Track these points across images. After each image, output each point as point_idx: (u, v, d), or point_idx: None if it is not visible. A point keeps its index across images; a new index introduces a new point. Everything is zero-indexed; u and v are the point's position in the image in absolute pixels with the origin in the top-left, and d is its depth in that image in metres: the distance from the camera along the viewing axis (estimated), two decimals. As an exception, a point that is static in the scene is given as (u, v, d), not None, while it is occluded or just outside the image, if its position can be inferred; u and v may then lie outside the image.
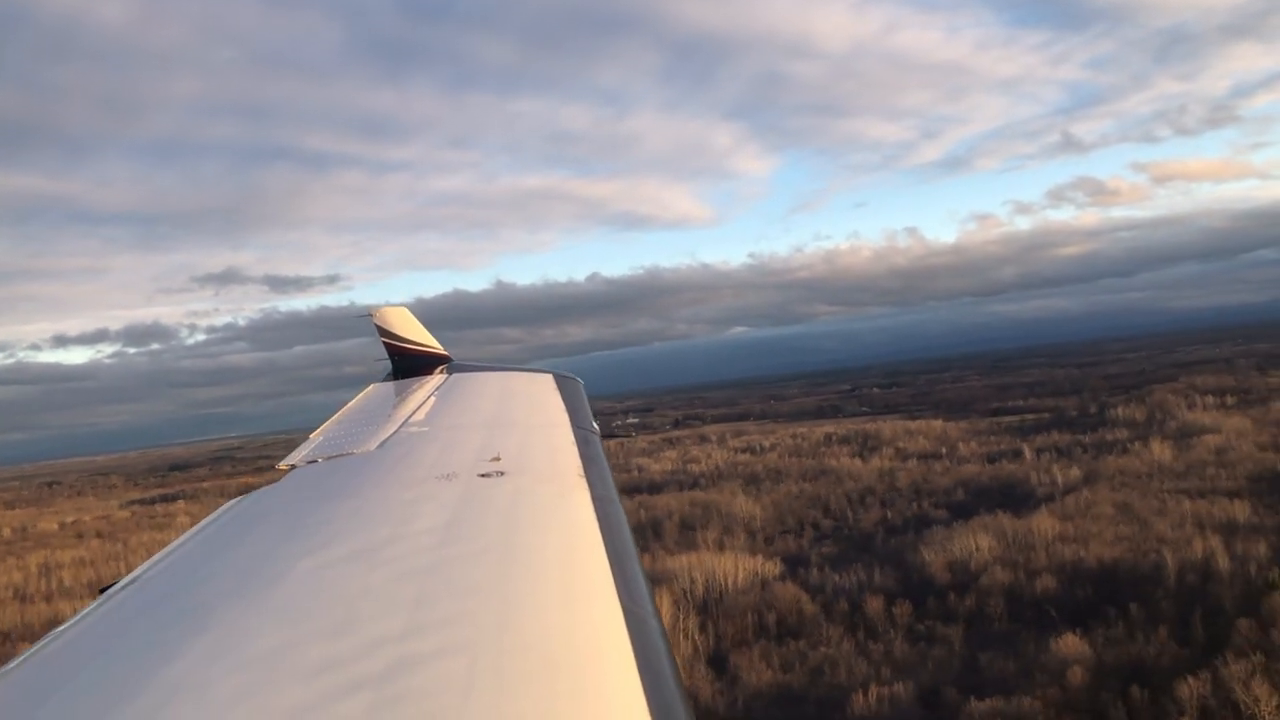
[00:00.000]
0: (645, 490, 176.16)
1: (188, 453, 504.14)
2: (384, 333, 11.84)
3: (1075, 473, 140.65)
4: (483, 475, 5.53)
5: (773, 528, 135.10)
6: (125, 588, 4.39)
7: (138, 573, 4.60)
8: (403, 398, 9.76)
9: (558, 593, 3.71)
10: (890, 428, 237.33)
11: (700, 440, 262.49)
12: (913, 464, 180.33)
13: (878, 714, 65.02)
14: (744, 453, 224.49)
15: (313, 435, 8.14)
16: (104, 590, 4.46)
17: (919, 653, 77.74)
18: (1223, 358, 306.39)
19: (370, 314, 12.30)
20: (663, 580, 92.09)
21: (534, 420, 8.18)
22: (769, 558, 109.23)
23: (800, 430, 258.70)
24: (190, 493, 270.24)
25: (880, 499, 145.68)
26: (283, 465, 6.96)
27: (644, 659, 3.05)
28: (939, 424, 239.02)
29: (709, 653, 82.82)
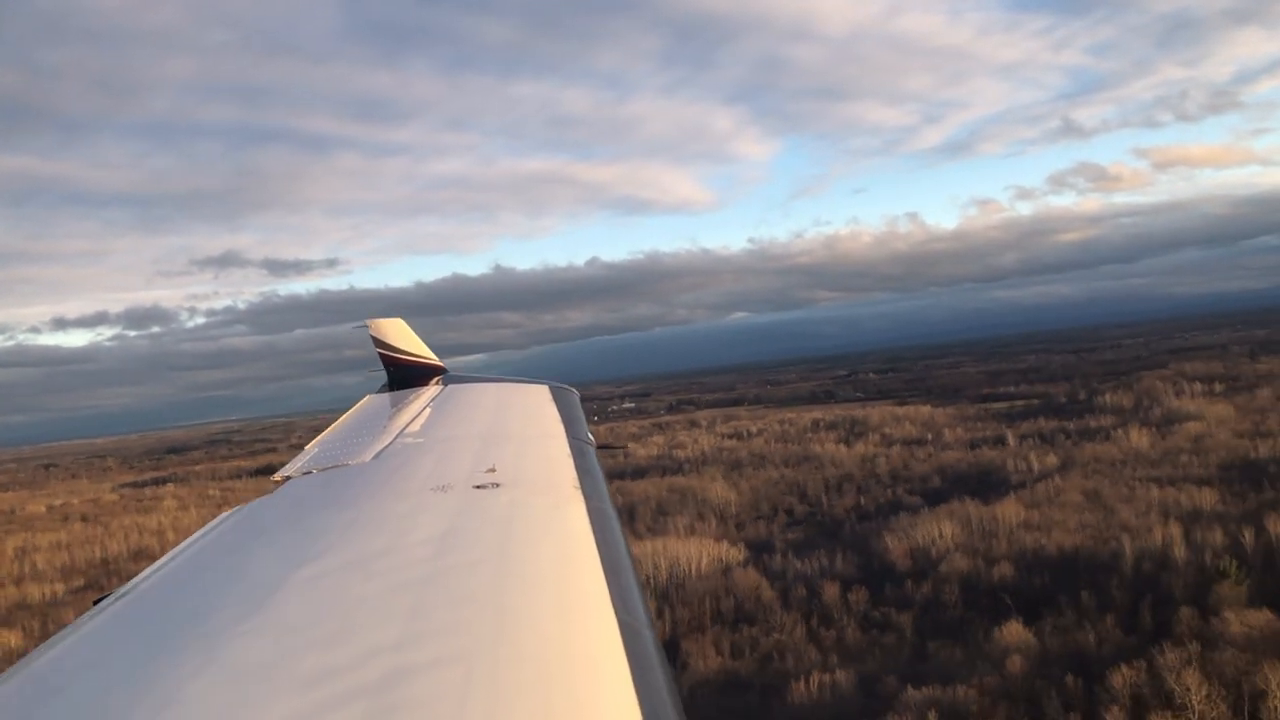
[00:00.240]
0: (629, 475, 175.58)
1: (186, 436, 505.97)
2: (379, 344, 11.78)
3: (1052, 460, 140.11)
4: (478, 487, 5.50)
5: (747, 514, 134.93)
6: (119, 599, 4.33)
7: (132, 584, 4.57)
8: (398, 409, 9.78)
9: (553, 604, 3.70)
10: (878, 413, 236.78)
11: (690, 425, 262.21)
12: (896, 450, 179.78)
13: (817, 702, 64.82)
14: (731, 438, 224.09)
15: (308, 447, 8.13)
16: (97, 601, 4.38)
17: (870, 640, 77.51)
18: (1218, 344, 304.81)
19: (365, 325, 12.23)
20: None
21: (529, 432, 8.16)
22: (736, 544, 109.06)
23: (789, 416, 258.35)
24: (182, 476, 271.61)
25: (857, 485, 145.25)
26: (277, 477, 6.96)
27: (639, 671, 3.05)
28: (927, 410, 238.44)
29: (662, 639, 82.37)
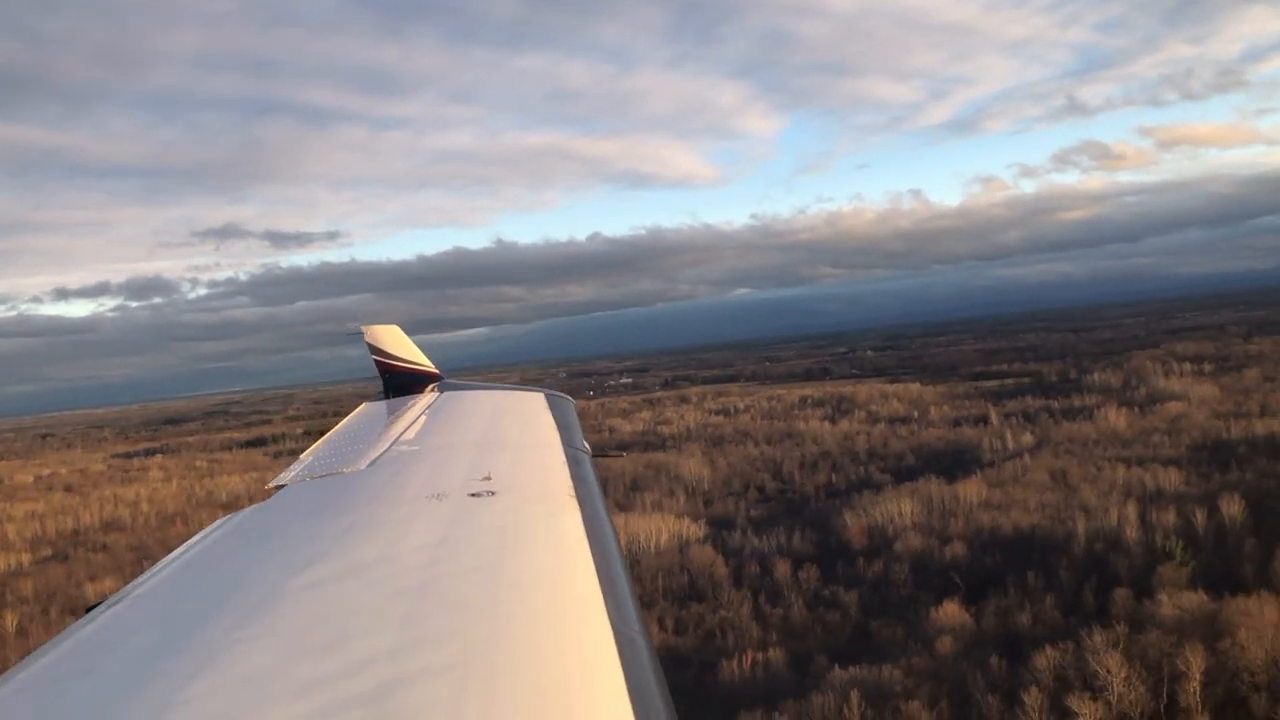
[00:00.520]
0: (611, 451, 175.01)
1: (187, 407, 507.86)
2: (375, 350, 11.70)
3: (1028, 439, 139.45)
4: (473, 495, 5.48)
5: (718, 490, 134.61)
6: (112, 605, 4.27)
7: (124, 590, 4.52)
8: (394, 417, 9.74)
9: (548, 612, 3.69)
10: (867, 391, 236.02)
11: (680, 401, 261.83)
12: (880, 428, 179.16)
13: (748, 680, 64.63)
14: (718, 414, 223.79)
15: (303, 455, 8.10)
16: (90, 609, 4.32)
17: (814, 618, 77.23)
18: (1216, 325, 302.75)
19: (361, 331, 12.20)
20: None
21: (525, 439, 8.14)
22: (698, 520, 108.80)
23: (779, 393, 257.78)
24: (174, 447, 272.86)
25: (833, 463, 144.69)
26: (273, 484, 6.90)
27: (633, 680, 3.07)
28: (917, 388, 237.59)
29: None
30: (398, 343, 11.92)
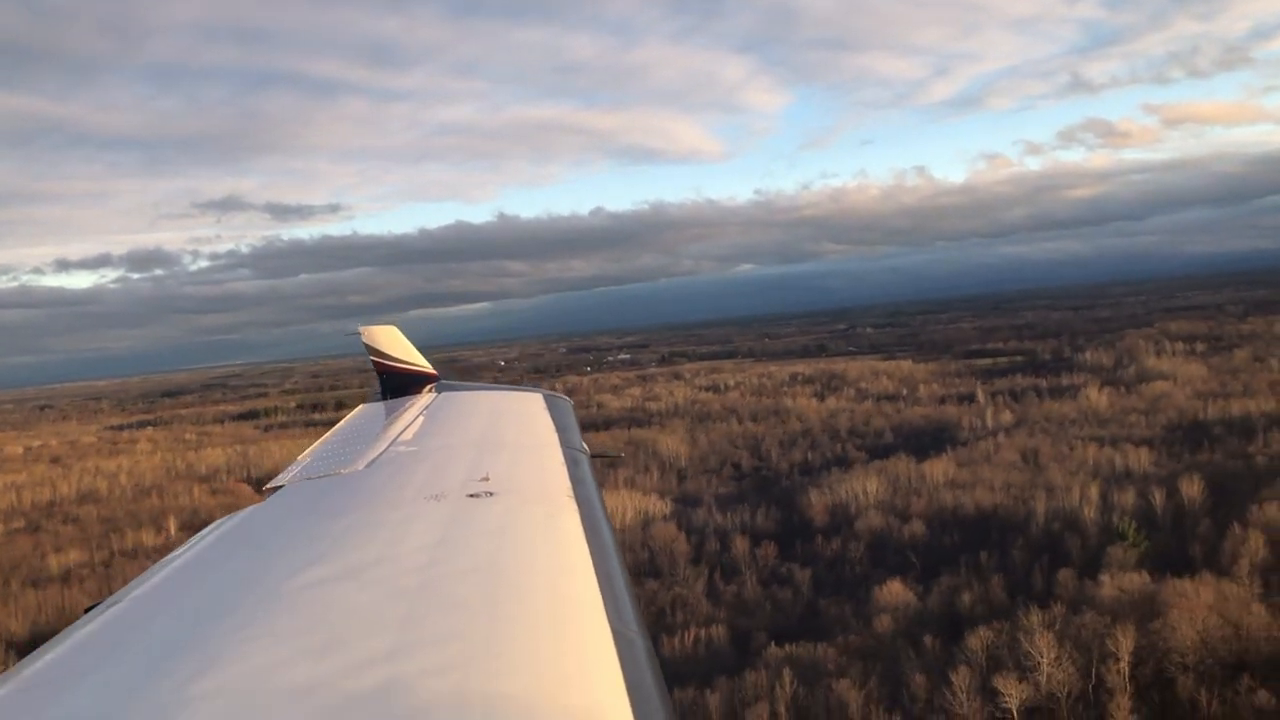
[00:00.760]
0: (596, 427, 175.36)
1: (186, 379, 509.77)
2: (372, 351, 11.67)
3: (1007, 417, 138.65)
4: (472, 495, 5.47)
5: (695, 467, 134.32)
6: (110, 606, 4.25)
7: (122, 591, 4.50)
8: (392, 418, 9.76)
9: (546, 613, 3.69)
10: (858, 368, 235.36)
11: (674, 378, 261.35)
12: (867, 405, 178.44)
13: (688, 656, 64.42)
14: (707, 391, 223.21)
15: (301, 456, 8.08)
16: (89, 609, 4.30)
17: (765, 595, 77.00)
18: (1215, 304, 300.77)
19: (358, 333, 12.24)
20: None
21: (523, 440, 8.14)
22: (668, 497, 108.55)
23: (772, 370, 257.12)
24: (166, 420, 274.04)
25: (812, 440, 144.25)
26: (270, 485, 6.88)
27: (632, 680, 3.08)
28: (908, 365, 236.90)
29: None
30: (395, 343, 11.84)
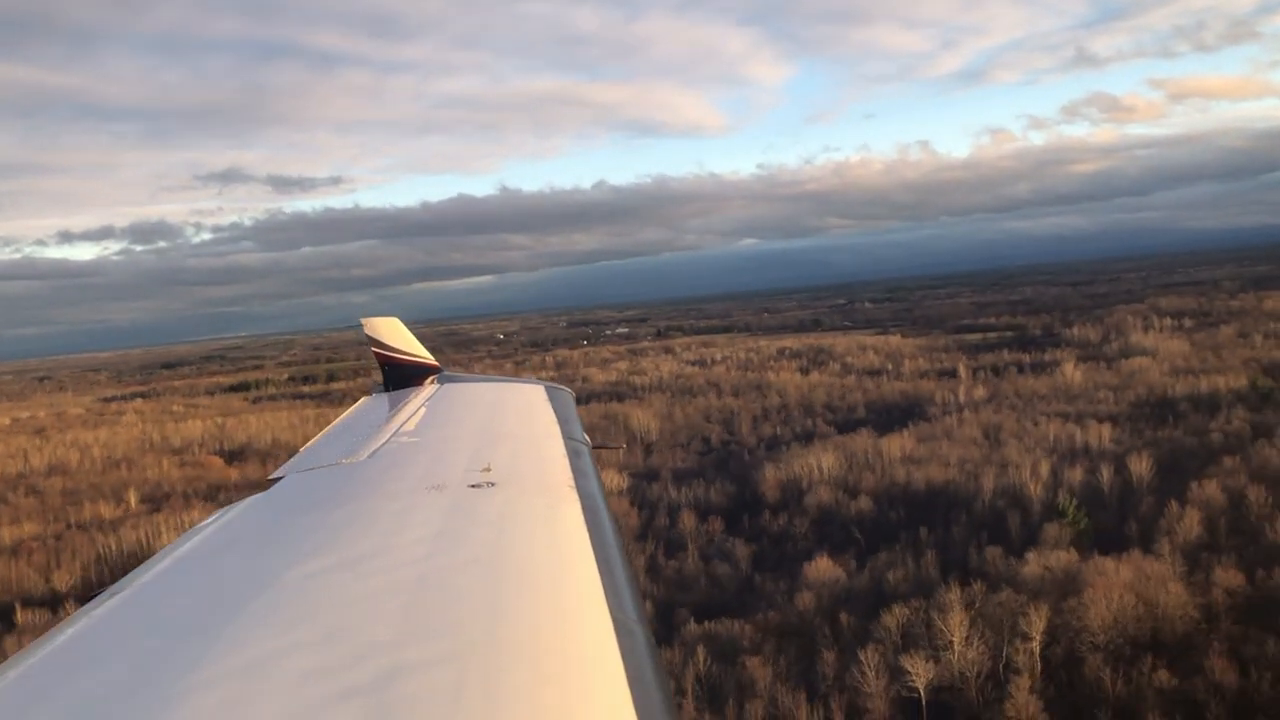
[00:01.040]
0: (576, 402, 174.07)
1: (187, 351, 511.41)
2: (374, 342, 11.62)
3: (980, 393, 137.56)
4: (473, 486, 5.42)
5: (664, 442, 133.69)
6: (112, 595, 4.26)
7: (123, 581, 4.49)
8: (394, 409, 9.72)
9: (547, 604, 3.69)
10: (846, 343, 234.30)
11: (664, 352, 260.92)
12: (849, 380, 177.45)
13: (612, 631, 64.04)
14: (694, 365, 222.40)
15: (303, 447, 8.07)
16: (91, 597, 4.32)
17: (704, 571, 76.57)
18: (1212, 280, 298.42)
19: (360, 325, 12.23)
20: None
21: (525, 431, 8.07)
22: (629, 472, 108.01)
23: (763, 344, 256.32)
24: (159, 391, 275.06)
25: (787, 415, 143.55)
26: (273, 476, 6.85)
27: (633, 670, 3.08)
28: (897, 340, 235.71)
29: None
30: (397, 335, 11.74)
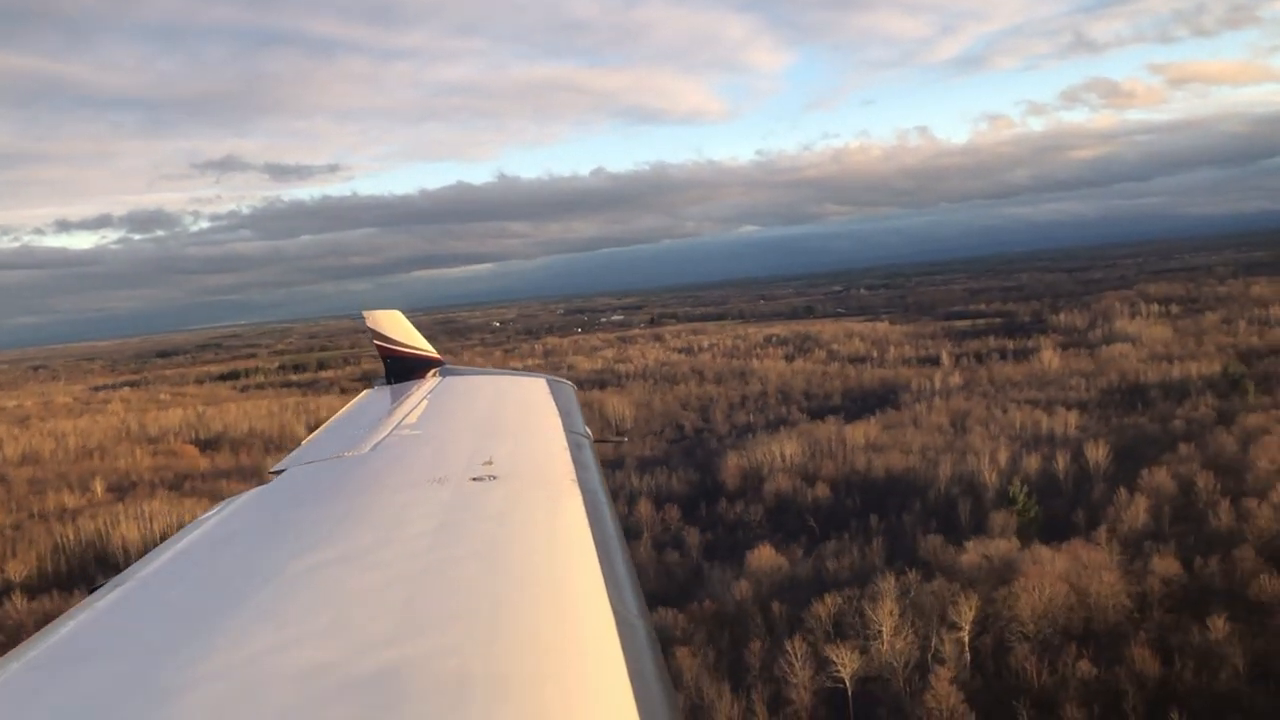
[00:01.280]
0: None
1: (184, 340, 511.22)
2: (376, 335, 11.68)
3: (957, 380, 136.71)
4: (475, 479, 5.44)
5: (637, 430, 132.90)
6: (115, 587, 4.28)
7: (126, 573, 4.52)
8: (396, 402, 9.77)
9: (548, 597, 3.71)
10: (834, 329, 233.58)
11: (654, 339, 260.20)
12: (833, 367, 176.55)
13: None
14: (680, 353, 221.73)
15: (306, 440, 8.13)
16: (92, 590, 4.36)
17: (655, 560, 75.95)
18: (1205, 266, 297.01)
19: (362, 317, 12.29)
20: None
21: (526, 424, 8.17)
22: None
23: (751, 331, 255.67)
24: (150, 380, 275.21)
25: (764, 402, 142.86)
26: (275, 469, 6.85)
27: (633, 664, 3.11)
28: (885, 326, 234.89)
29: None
30: (399, 328, 11.77)
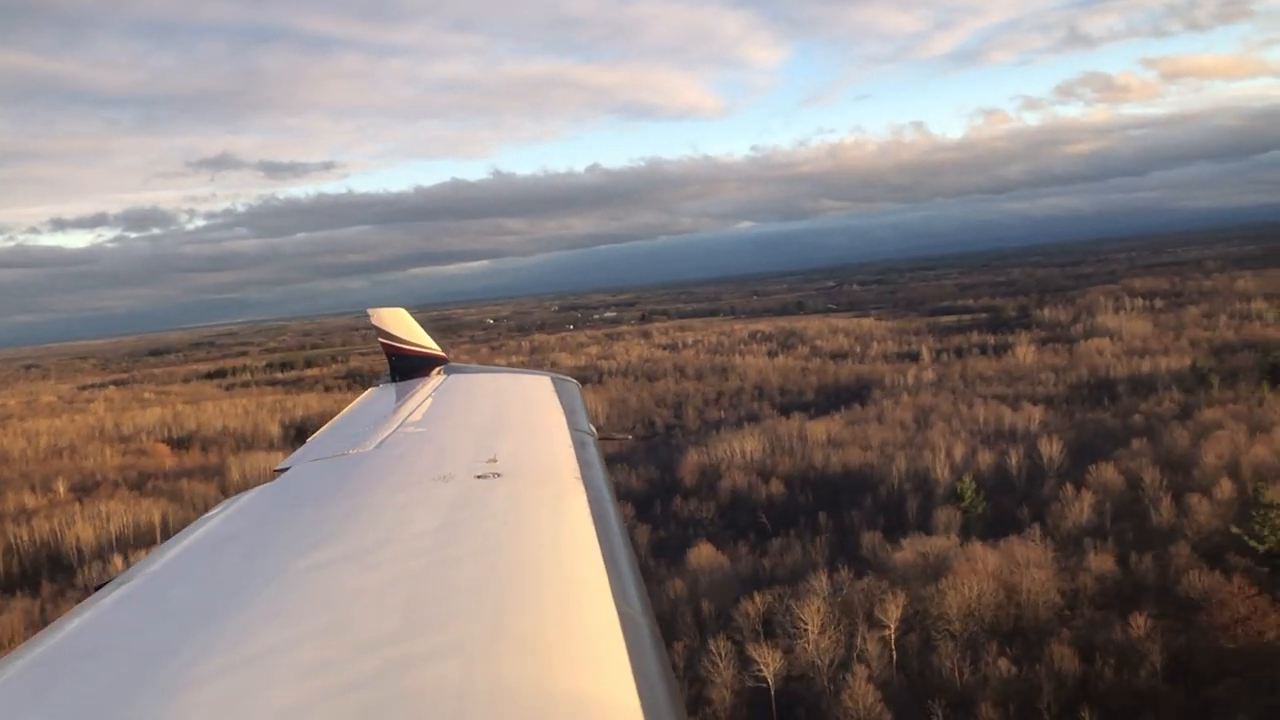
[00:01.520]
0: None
1: (179, 338, 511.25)
2: (381, 333, 11.63)
3: (930, 375, 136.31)
4: (479, 477, 5.42)
5: (610, 426, 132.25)
6: (118, 586, 4.29)
7: (130, 571, 4.54)
8: (401, 400, 9.73)
9: (553, 595, 3.70)
10: (819, 325, 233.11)
11: (641, 336, 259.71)
12: (815, 363, 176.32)
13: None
14: (664, 349, 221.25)
15: (311, 438, 8.07)
16: (97, 589, 4.36)
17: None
18: (1195, 260, 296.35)
19: (361, 314, 12.49)
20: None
21: (530, 422, 8.16)
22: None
23: (737, 327, 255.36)
24: (138, 379, 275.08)
25: (738, 398, 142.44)
26: (280, 466, 6.80)
27: (638, 662, 3.09)
28: (870, 322, 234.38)
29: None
30: (403, 326, 11.72)
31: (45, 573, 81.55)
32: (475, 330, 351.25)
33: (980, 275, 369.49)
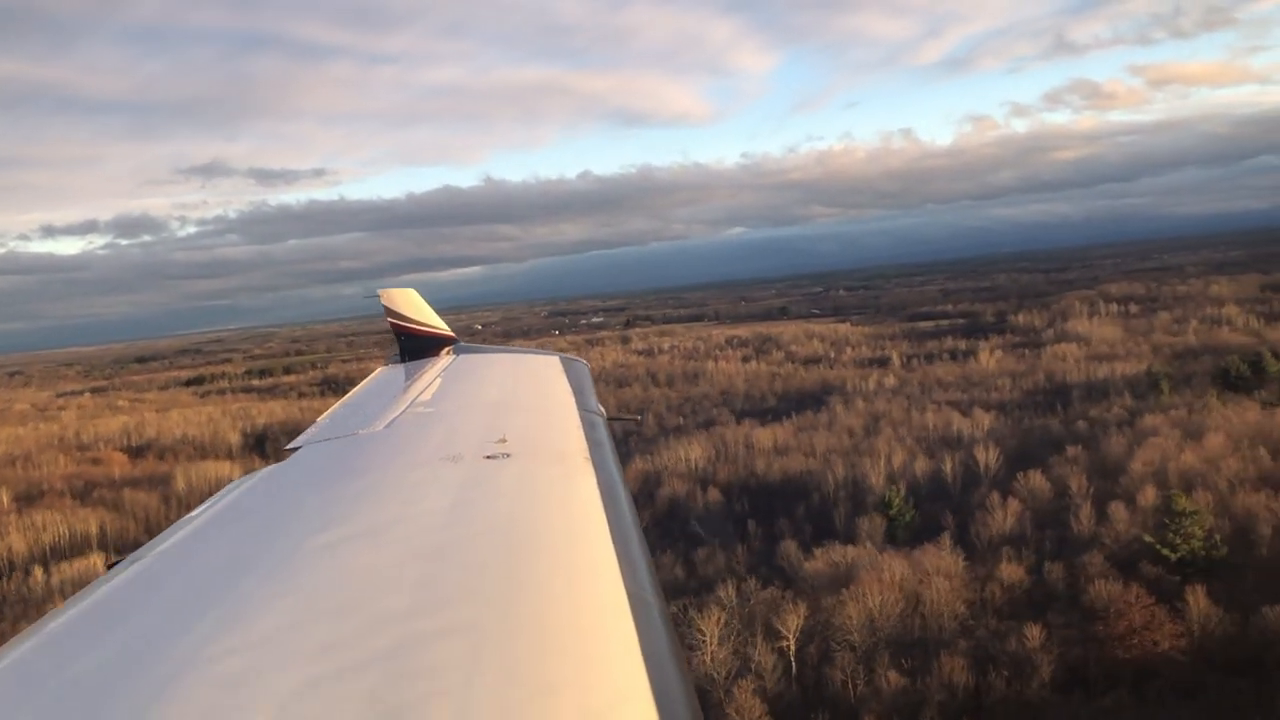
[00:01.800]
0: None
1: (167, 345, 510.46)
2: (390, 313, 11.70)
3: (891, 381, 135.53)
4: (489, 457, 5.39)
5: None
6: (132, 563, 4.32)
7: (143, 549, 4.58)
8: (410, 380, 9.80)
9: (562, 574, 3.68)
10: (795, 331, 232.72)
11: (621, 341, 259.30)
12: (787, 369, 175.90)
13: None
14: (640, 355, 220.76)
15: (321, 417, 8.11)
16: (111, 565, 4.44)
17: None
18: (1178, 265, 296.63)
19: (377, 295, 12.35)
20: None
21: (540, 402, 8.11)
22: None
23: (714, 333, 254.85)
24: (117, 386, 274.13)
25: (703, 404, 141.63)
26: (290, 445, 6.82)
27: (646, 642, 3.08)
28: (845, 328, 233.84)
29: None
30: (413, 306, 11.78)
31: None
32: (462, 336, 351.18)
33: (965, 281, 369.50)
